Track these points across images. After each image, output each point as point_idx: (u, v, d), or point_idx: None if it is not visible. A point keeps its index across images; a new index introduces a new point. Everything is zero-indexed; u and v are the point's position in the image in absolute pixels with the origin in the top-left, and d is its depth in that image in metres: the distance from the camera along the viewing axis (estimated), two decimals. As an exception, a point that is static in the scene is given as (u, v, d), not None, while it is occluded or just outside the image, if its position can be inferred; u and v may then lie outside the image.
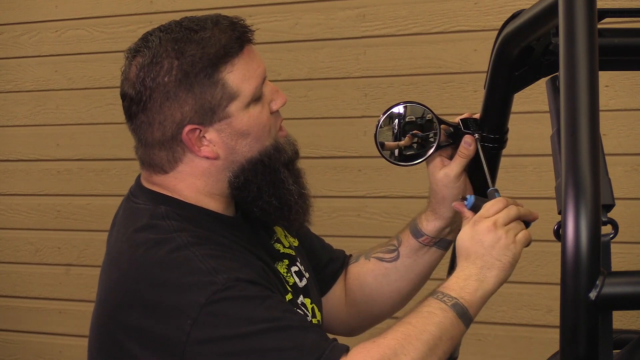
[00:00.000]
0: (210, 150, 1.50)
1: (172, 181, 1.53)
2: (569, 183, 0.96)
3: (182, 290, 1.38)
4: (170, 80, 1.46)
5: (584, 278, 0.94)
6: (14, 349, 3.79)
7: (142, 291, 1.42)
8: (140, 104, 1.48)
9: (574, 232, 0.94)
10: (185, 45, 1.48)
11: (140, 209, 1.52)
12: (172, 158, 1.51)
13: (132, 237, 1.49)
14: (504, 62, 1.49)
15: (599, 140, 1.01)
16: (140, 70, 1.48)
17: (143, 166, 1.56)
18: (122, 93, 1.52)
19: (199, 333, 1.36)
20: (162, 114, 1.47)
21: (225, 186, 1.53)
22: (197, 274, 1.38)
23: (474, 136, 1.59)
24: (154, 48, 1.48)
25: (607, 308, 0.98)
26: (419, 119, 1.58)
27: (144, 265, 1.44)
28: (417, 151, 1.60)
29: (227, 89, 1.48)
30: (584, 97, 1.00)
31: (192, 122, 1.47)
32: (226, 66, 1.48)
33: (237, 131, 1.50)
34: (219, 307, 1.36)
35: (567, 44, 1.03)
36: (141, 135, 1.52)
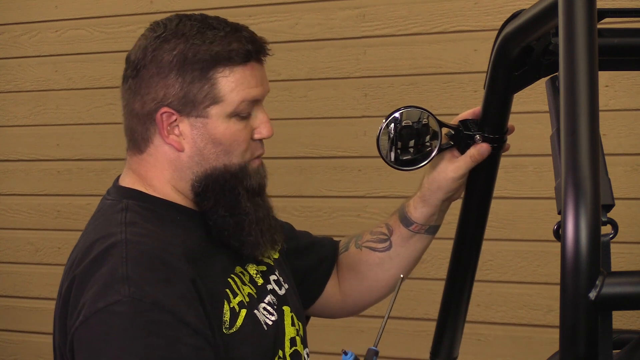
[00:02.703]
0: (177, 141, 1.51)
1: (145, 165, 1.54)
2: (569, 183, 0.96)
3: (92, 287, 1.39)
4: (168, 59, 1.49)
5: (583, 278, 0.94)
6: (14, 349, 3.80)
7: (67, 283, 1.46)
8: (134, 70, 1.51)
9: (574, 232, 0.94)
10: (195, 35, 1.50)
11: (106, 204, 1.56)
12: (145, 135, 1.53)
13: (87, 231, 1.55)
14: (504, 62, 1.49)
15: (599, 140, 1.01)
16: (147, 41, 1.52)
17: (127, 142, 1.58)
18: (127, 56, 1.56)
19: (82, 331, 1.38)
20: (148, 87, 1.50)
21: (188, 187, 1.54)
22: (112, 276, 1.39)
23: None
24: (170, 28, 1.53)
25: (607, 308, 0.98)
26: (416, 123, 1.58)
27: (81, 258, 1.47)
28: (417, 155, 1.60)
29: (215, 91, 1.49)
30: (584, 97, 1.00)
31: (170, 106, 1.49)
32: (224, 69, 1.50)
33: (209, 135, 1.51)
34: (108, 319, 1.36)
35: (567, 44, 1.03)
36: (126, 101, 1.55)
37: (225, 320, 1.48)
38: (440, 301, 1.82)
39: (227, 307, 1.49)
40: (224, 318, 1.47)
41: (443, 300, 1.81)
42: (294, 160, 3.30)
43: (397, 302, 3.24)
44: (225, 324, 1.47)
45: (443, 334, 1.82)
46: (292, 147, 3.28)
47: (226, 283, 1.52)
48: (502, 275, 3.06)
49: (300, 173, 3.31)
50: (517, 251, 3.05)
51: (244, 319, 1.50)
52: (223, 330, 1.46)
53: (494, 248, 3.04)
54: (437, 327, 1.84)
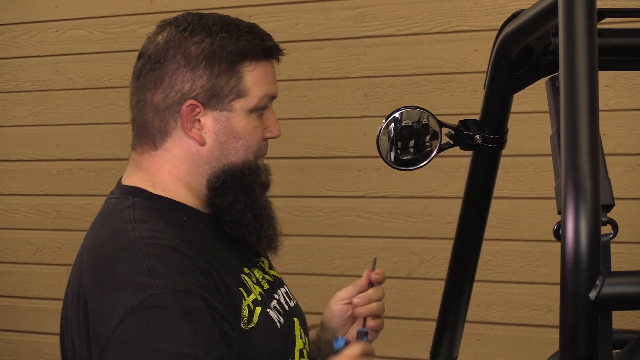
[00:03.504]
0: (200, 134, 1.51)
1: (159, 162, 1.53)
2: (569, 183, 0.96)
3: (119, 287, 1.38)
4: (196, 51, 1.49)
5: (583, 278, 0.94)
6: (14, 349, 3.80)
7: (87, 284, 1.43)
8: (157, 63, 1.50)
9: (574, 232, 0.94)
10: (221, 30, 1.51)
11: (111, 203, 1.55)
12: (164, 129, 1.51)
13: (95, 230, 1.52)
14: (504, 62, 1.49)
15: (599, 140, 1.01)
16: (170, 34, 1.51)
17: (137, 140, 1.56)
18: (140, 52, 1.55)
19: (122, 333, 1.35)
20: (173, 79, 1.49)
21: (203, 183, 1.53)
22: (137, 273, 1.37)
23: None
24: (194, 22, 1.52)
25: (607, 308, 0.98)
26: (416, 123, 1.58)
27: (95, 259, 1.45)
28: (417, 155, 1.60)
29: (241, 85, 1.51)
30: (584, 97, 1.00)
31: (196, 98, 1.49)
32: (250, 64, 1.51)
33: (231, 129, 1.51)
34: (147, 314, 1.35)
35: (567, 44, 1.03)
36: (141, 95, 1.53)
37: (244, 315, 1.48)
38: (440, 301, 1.82)
39: (244, 304, 1.49)
40: (242, 313, 1.48)
41: (443, 300, 1.81)
42: (294, 160, 3.30)
43: (397, 302, 3.24)
44: (243, 319, 1.47)
45: (443, 334, 1.82)
46: (292, 147, 3.28)
47: (239, 281, 1.53)
48: (502, 275, 3.06)
49: (300, 173, 3.31)
50: (517, 251, 3.05)
51: (259, 316, 1.51)
52: (241, 326, 1.46)
53: (494, 248, 3.04)
54: (437, 327, 1.84)
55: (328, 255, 3.24)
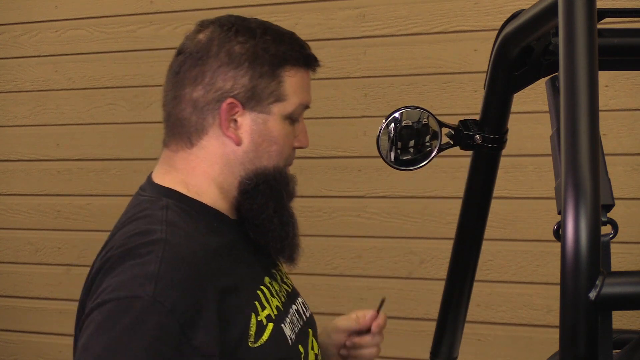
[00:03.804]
0: (236, 134, 1.50)
1: (194, 160, 1.52)
2: (569, 183, 0.96)
3: (118, 276, 1.37)
4: (241, 51, 1.49)
5: (583, 278, 0.94)
6: (14, 349, 3.80)
7: (96, 268, 1.44)
8: (199, 60, 1.50)
9: (574, 232, 0.94)
10: (265, 33, 1.52)
11: (143, 200, 1.53)
12: (201, 126, 1.51)
13: (123, 225, 1.50)
14: (504, 62, 1.49)
15: (599, 140, 1.01)
16: (214, 33, 1.51)
17: (171, 137, 1.55)
18: (179, 49, 1.55)
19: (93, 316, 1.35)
20: (214, 76, 1.49)
21: (235, 184, 1.52)
22: (137, 275, 1.36)
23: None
24: (238, 23, 1.53)
25: (607, 308, 0.98)
26: (416, 123, 1.58)
27: (114, 248, 1.44)
28: (417, 155, 1.60)
29: (280, 89, 1.51)
30: (584, 97, 1.00)
31: (236, 97, 1.49)
32: (291, 69, 1.52)
33: (267, 133, 1.52)
34: (122, 312, 1.33)
35: (567, 44, 1.03)
36: (179, 91, 1.52)
37: (251, 334, 1.45)
38: (440, 301, 1.82)
39: (253, 321, 1.47)
40: (249, 332, 1.45)
41: (443, 300, 1.81)
42: (294, 160, 3.30)
43: (397, 302, 3.24)
44: (250, 337, 1.45)
45: (443, 334, 1.82)
46: (292, 147, 3.28)
47: (255, 295, 1.50)
48: (502, 275, 3.06)
49: (300, 173, 3.30)
50: (517, 251, 3.05)
51: (270, 332, 1.49)
52: (248, 344, 1.44)
53: (494, 248, 3.04)
54: (437, 327, 1.84)
55: (328, 255, 3.24)
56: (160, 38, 3.46)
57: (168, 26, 3.44)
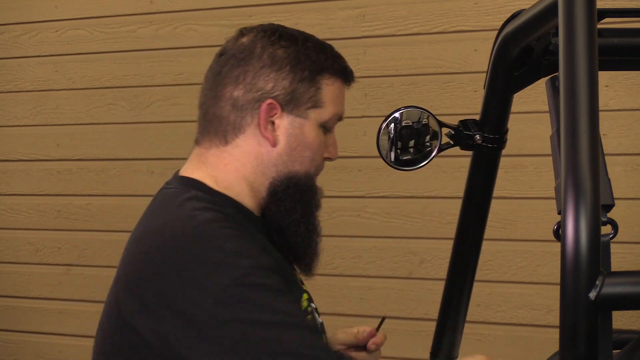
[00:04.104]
0: (273, 135, 1.52)
1: (227, 157, 1.53)
2: (569, 183, 0.96)
3: (206, 270, 1.36)
4: (283, 55, 1.53)
5: (583, 278, 0.94)
6: (14, 349, 3.80)
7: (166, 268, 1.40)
8: (242, 60, 1.53)
9: (574, 232, 0.95)
10: (307, 40, 1.56)
11: (170, 192, 1.53)
12: (238, 125, 1.52)
13: (158, 215, 1.49)
14: (504, 62, 1.49)
15: (599, 140, 1.01)
16: (257, 37, 1.54)
17: (205, 134, 1.56)
18: (221, 51, 1.57)
19: (220, 314, 1.34)
20: (256, 76, 1.52)
21: (265, 185, 1.53)
22: (222, 253, 1.37)
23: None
24: (279, 30, 1.56)
25: (606, 308, 0.98)
26: (416, 123, 1.58)
27: (169, 241, 1.42)
28: (417, 155, 1.60)
29: (318, 95, 1.54)
30: (584, 97, 1.00)
31: (276, 99, 1.52)
32: (330, 78, 1.56)
33: (303, 137, 1.54)
34: (242, 291, 1.34)
35: (567, 44, 1.03)
36: (220, 89, 1.54)
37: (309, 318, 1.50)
38: (440, 301, 1.82)
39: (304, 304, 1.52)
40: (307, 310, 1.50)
41: (443, 300, 1.82)
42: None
43: (397, 302, 3.24)
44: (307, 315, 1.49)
45: (443, 334, 1.82)
46: (292, 147, 3.28)
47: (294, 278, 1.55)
48: (502, 275, 3.06)
49: (300, 173, 3.31)
50: (517, 251, 3.05)
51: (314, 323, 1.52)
52: None
53: (494, 248, 3.04)
54: (437, 327, 1.84)
55: (328, 255, 3.24)
56: (160, 38, 3.46)
57: (168, 26, 3.44)
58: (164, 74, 3.47)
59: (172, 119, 3.45)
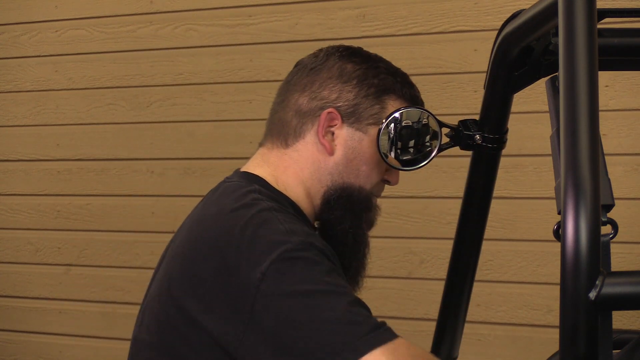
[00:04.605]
0: (331, 144, 1.56)
1: (287, 160, 1.57)
2: (569, 183, 0.96)
3: (257, 247, 1.39)
4: (352, 69, 1.58)
5: (583, 278, 0.94)
6: (14, 349, 3.80)
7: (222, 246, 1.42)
8: (312, 70, 1.59)
9: (574, 232, 0.94)
10: (380, 61, 1.62)
11: (232, 185, 1.55)
12: (299, 130, 1.57)
13: (220, 202, 1.51)
14: (504, 62, 1.49)
15: (599, 140, 1.01)
16: (332, 53, 1.61)
17: (269, 137, 1.60)
18: (298, 62, 1.65)
19: (266, 287, 1.35)
20: (323, 86, 1.57)
21: (320, 192, 1.57)
22: (275, 233, 1.40)
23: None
24: (355, 48, 1.64)
25: (607, 308, 0.98)
26: (416, 123, 1.58)
27: (228, 222, 1.44)
28: (417, 155, 1.60)
29: (382, 113, 1.57)
30: (584, 97, 1.00)
31: (338, 110, 1.56)
32: (396, 100, 1.59)
33: (361, 151, 1.57)
34: (288, 265, 1.36)
35: (567, 44, 1.03)
36: (287, 96, 1.59)
37: None
38: (440, 301, 1.82)
39: None
40: None
41: (443, 300, 1.81)
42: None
43: (397, 302, 3.24)
44: None
45: (443, 334, 1.82)
46: (292, 147, 3.28)
47: None
48: (502, 275, 3.06)
49: (300, 173, 3.31)
50: (517, 251, 3.05)
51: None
52: None
53: (494, 248, 3.04)
54: (437, 327, 1.84)
55: (328, 255, 3.24)
56: (160, 38, 3.46)
57: (168, 26, 3.44)
58: (163, 74, 3.47)
59: (172, 119, 3.45)
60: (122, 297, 3.49)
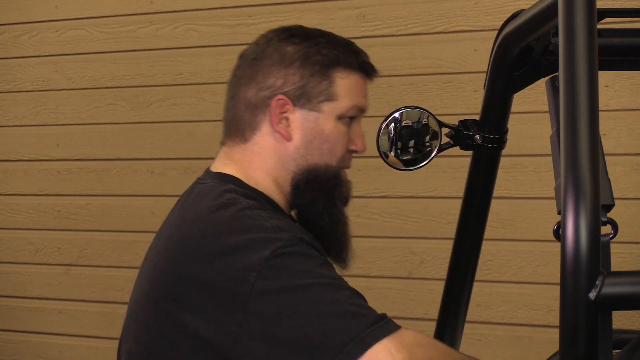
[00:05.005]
0: (287, 130, 1.55)
1: (250, 155, 1.57)
2: (569, 183, 0.96)
3: (248, 247, 1.39)
4: (293, 51, 1.55)
5: (583, 278, 0.94)
6: (14, 349, 3.80)
7: (208, 248, 1.42)
8: (253, 60, 1.57)
9: (574, 232, 0.95)
10: (320, 36, 1.58)
11: (207, 186, 1.55)
12: (253, 123, 1.56)
13: (197, 205, 1.51)
14: (504, 62, 1.49)
15: (599, 140, 1.01)
16: (271, 39, 1.58)
17: (227, 135, 1.60)
18: (241, 54, 1.62)
19: (263, 284, 1.36)
20: (267, 75, 1.55)
21: (288, 180, 1.57)
22: (263, 231, 1.41)
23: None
24: (294, 29, 1.59)
25: (606, 308, 0.98)
26: (416, 123, 1.59)
27: (210, 224, 1.45)
28: (417, 155, 1.60)
29: (331, 89, 1.55)
30: (584, 97, 1.00)
31: (286, 95, 1.54)
32: (343, 72, 1.57)
33: (318, 130, 1.56)
34: (283, 261, 1.38)
35: (567, 44, 1.03)
36: (236, 90, 1.59)
37: None
38: (440, 301, 1.82)
39: None
40: None
41: (443, 300, 1.81)
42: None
43: (397, 302, 3.23)
44: None
45: (443, 334, 1.82)
46: (292, 147, 3.28)
47: None
48: (502, 275, 3.06)
49: (300, 173, 3.31)
50: (517, 251, 3.05)
51: None
52: None
53: (494, 248, 3.04)
54: (437, 327, 1.84)
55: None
56: (160, 38, 3.46)
57: (168, 26, 3.44)
58: (163, 74, 3.47)
59: (172, 119, 3.45)
60: (122, 297, 3.48)
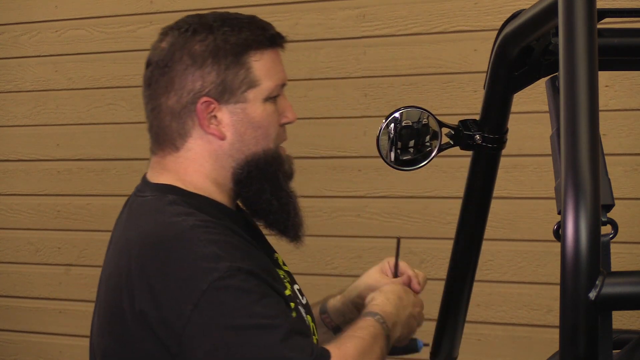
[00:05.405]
0: (218, 129, 1.52)
1: (184, 162, 1.54)
2: (569, 183, 0.96)
3: (184, 276, 1.39)
4: (201, 49, 1.51)
5: (583, 278, 0.94)
6: (14, 349, 3.80)
7: (147, 276, 1.42)
8: (165, 68, 1.53)
9: (574, 232, 0.95)
10: (222, 25, 1.54)
11: (147, 201, 1.54)
12: (182, 131, 1.53)
13: (138, 224, 1.51)
14: (504, 62, 1.49)
15: (599, 140, 1.01)
16: (174, 39, 1.53)
17: (156, 145, 1.57)
18: (147, 61, 1.58)
19: (198, 318, 1.36)
20: (183, 79, 1.51)
21: (229, 177, 1.55)
22: (200, 259, 1.39)
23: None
24: (194, 22, 1.54)
25: (606, 308, 0.98)
26: (416, 123, 1.58)
27: (149, 250, 1.44)
28: (417, 155, 1.60)
29: (251, 75, 1.53)
30: (584, 97, 1.00)
31: (209, 95, 1.51)
32: (256, 54, 1.54)
33: (249, 119, 1.53)
34: (219, 295, 1.37)
35: (567, 44, 1.03)
36: (155, 102, 1.55)
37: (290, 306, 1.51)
38: (440, 301, 1.82)
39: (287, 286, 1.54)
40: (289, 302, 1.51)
41: (443, 300, 1.81)
42: (294, 160, 3.30)
43: (397, 302, 3.22)
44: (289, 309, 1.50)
45: (443, 334, 1.82)
46: (292, 147, 3.26)
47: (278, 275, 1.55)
48: (502, 275, 3.06)
49: (300, 173, 3.29)
50: (517, 251, 3.05)
51: (296, 312, 1.53)
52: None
53: (494, 248, 3.04)
54: (437, 327, 1.84)
55: (328, 255, 3.24)
56: (160, 38, 3.46)
57: (168, 26, 3.44)
58: (164, 74, 3.47)
59: (172, 119, 3.45)
60: (122, 297, 3.49)
